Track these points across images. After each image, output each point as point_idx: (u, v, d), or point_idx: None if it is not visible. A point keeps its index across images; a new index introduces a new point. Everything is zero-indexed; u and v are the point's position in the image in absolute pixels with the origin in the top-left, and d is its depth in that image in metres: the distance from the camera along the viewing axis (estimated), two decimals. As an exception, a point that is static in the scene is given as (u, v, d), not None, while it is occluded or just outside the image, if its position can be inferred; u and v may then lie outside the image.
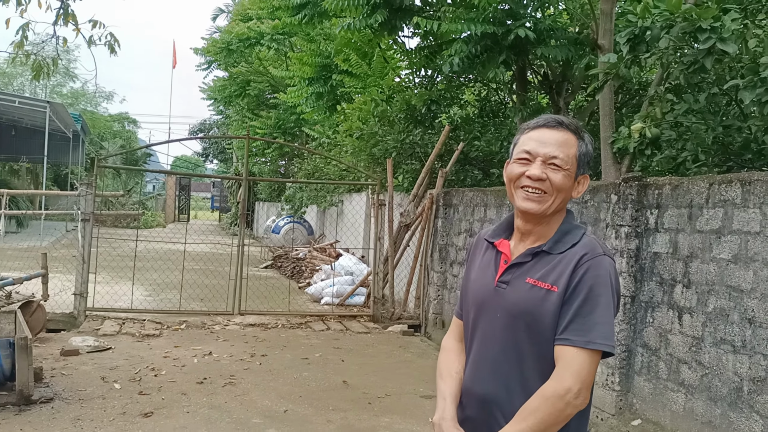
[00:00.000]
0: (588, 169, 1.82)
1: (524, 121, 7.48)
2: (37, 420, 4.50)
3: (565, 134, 1.76)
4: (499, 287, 1.76)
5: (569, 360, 1.63)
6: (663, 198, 4.96)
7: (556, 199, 1.73)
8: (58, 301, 8.26)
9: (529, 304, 1.70)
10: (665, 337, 4.81)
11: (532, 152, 1.74)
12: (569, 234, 1.75)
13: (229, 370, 6.09)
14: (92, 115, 36.47)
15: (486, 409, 1.74)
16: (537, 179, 1.71)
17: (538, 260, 1.73)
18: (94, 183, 8.27)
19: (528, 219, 1.76)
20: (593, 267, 1.67)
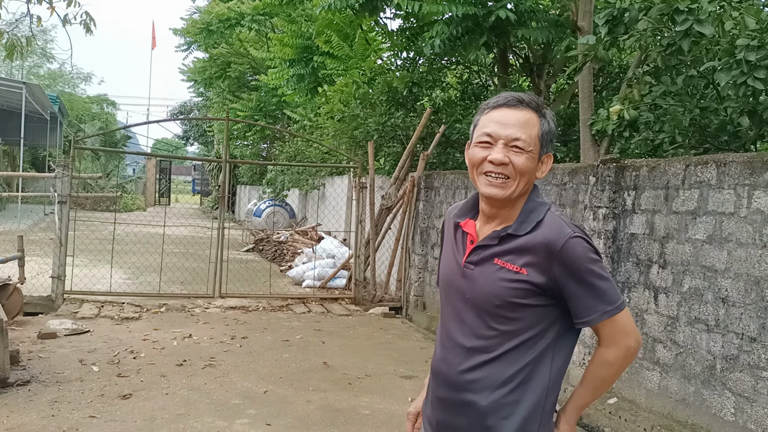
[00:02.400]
0: (552, 147, 1.79)
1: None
2: (14, 402, 4.46)
3: (527, 113, 1.70)
4: (466, 268, 1.75)
5: (610, 329, 1.69)
6: (640, 179, 5.00)
7: (520, 183, 1.70)
8: (35, 284, 8.17)
9: (498, 285, 1.69)
10: (641, 317, 4.88)
11: (493, 135, 1.69)
12: (534, 212, 1.72)
13: (209, 352, 6.08)
14: (70, 97, 35.89)
15: (456, 388, 1.74)
16: (500, 164, 1.67)
17: (505, 242, 1.71)
18: (70, 165, 8.16)
19: (493, 204, 1.74)
20: (571, 254, 1.65)
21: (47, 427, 4.07)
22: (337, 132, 10.60)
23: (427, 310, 8.62)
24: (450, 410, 1.76)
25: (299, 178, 15.16)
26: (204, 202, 36.54)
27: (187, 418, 4.40)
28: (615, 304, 1.68)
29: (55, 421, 4.17)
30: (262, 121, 19.16)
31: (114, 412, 4.41)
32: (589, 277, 1.66)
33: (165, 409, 4.53)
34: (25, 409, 4.34)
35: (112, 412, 4.42)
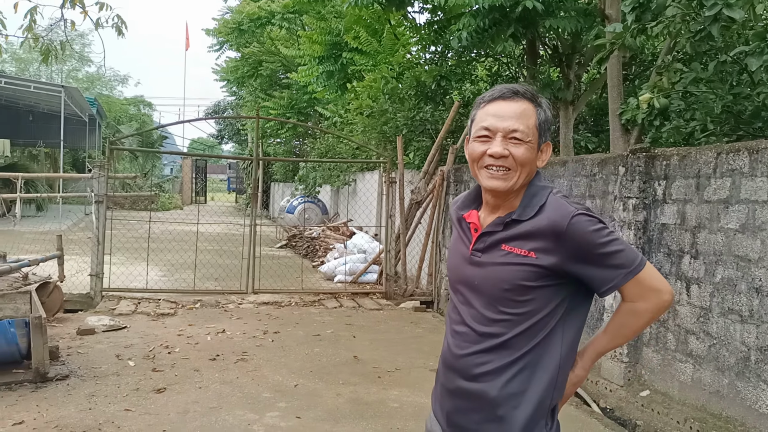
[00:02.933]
0: (549, 135, 1.79)
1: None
2: (53, 396, 4.61)
3: (523, 104, 1.71)
4: (474, 256, 1.76)
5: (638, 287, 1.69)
6: (671, 169, 4.91)
7: (522, 174, 1.71)
8: (75, 282, 8.41)
9: (506, 270, 1.69)
10: (673, 308, 4.79)
11: (491, 128, 1.70)
12: (536, 197, 1.73)
13: (242, 346, 6.18)
14: (108, 99, 36.69)
15: (466, 377, 1.75)
16: (500, 157, 1.69)
17: (510, 228, 1.72)
18: (106, 165, 8.35)
19: (496, 195, 1.75)
20: (578, 231, 1.65)
21: (84, 419, 4.20)
22: (366, 127, 10.63)
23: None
24: (461, 400, 1.76)
25: (330, 174, 15.25)
26: (239, 200, 37.00)
27: (219, 411, 4.48)
28: (635, 263, 1.68)
29: (92, 414, 4.29)
30: (294, 119, 19.30)
31: (148, 406, 4.52)
32: (601, 248, 1.66)
33: (198, 403, 4.62)
34: (63, 403, 4.48)
35: (147, 405, 4.53)
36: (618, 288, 1.70)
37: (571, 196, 6.16)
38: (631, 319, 1.75)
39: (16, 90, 19.70)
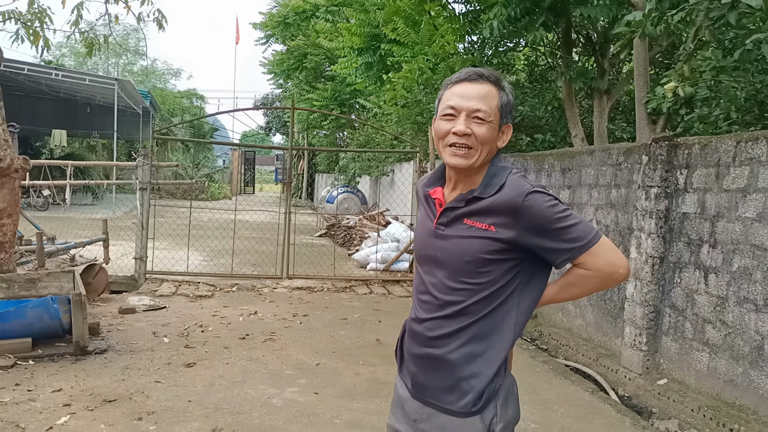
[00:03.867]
0: (511, 118, 1.89)
1: (568, 84, 7.34)
2: (90, 368, 4.93)
3: (486, 86, 1.81)
4: (438, 229, 1.88)
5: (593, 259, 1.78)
6: (692, 158, 4.90)
7: (482, 152, 1.81)
8: (121, 265, 8.84)
9: (468, 243, 1.81)
10: (692, 297, 4.80)
11: (456, 107, 1.81)
12: (497, 176, 1.84)
13: (271, 327, 6.42)
14: (162, 92, 37.79)
15: (428, 344, 1.88)
16: (463, 134, 1.79)
17: (471, 204, 1.83)
18: (150, 154, 8.73)
19: (458, 172, 1.86)
20: (533, 206, 1.76)
21: (117, 389, 4.49)
22: (401, 118, 10.74)
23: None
24: (424, 365, 1.89)
25: (369, 164, 15.43)
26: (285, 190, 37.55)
27: (242, 385, 4.72)
28: (589, 236, 1.76)
29: (125, 385, 4.59)
30: (336, 111, 19.55)
31: (177, 379, 4.79)
32: (556, 223, 1.75)
33: (224, 377, 4.87)
34: (99, 374, 4.80)
35: (176, 378, 4.81)
36: (573, 260, 1.80)
37: (596, 186, 6.18)
38: (581, 283, 1.84)
39: (73, 83, 20.55)
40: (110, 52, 35.38)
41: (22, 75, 18.91)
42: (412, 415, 1.92)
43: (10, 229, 5.50)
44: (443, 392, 1.86)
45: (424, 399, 1.89)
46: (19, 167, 5.45)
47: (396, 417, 2.02)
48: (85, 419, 3.94)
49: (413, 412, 1.92)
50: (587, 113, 9.68)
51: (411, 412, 1.93)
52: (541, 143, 9.21)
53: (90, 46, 6.61)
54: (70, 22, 6.71)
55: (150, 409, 4.15)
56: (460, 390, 1.83)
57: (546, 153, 7.50)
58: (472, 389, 1.82)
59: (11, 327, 5.05)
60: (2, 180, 5.36)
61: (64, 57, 38.10)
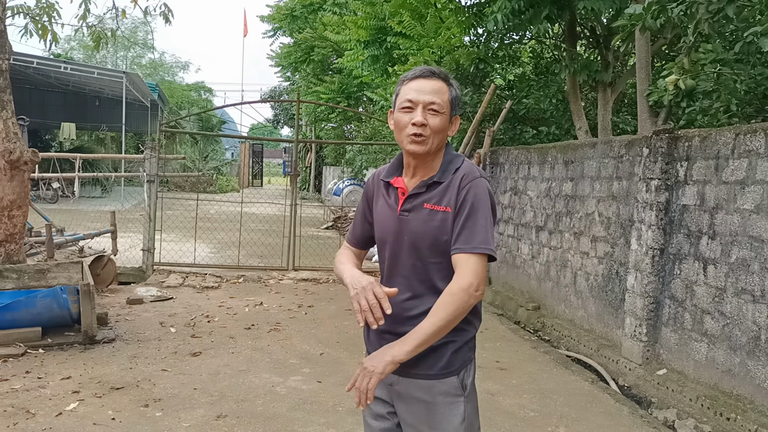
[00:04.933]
0: (459, 110, 2.10)
1: (573, 77, 7.37)
2: (99, 356, 5.04)
3: (438, 83, 2.02)
4: (402, 216, 2.04)
5: (464, 263, 1.92)
6: (692, 150, 4.93)
7: (436, 140, 2.00)
8: (129, 256, 8.96)
9: (429, 225, 1.99)
10: (691, 288, 4.84)
11: (414, 100, 2.00)
12: (452, 162, 2.05)
13: (276, 318, 6.52)
14: (170, 85, 37.92)
15: (398, 320, 1.98)
16: (421, 124, 1.97)
17: (432, 189, 2.02)
18: (158, 147, 8.82)
19: (416, 157, 2.04)
20: (473, 187, 1.96)
21: (124, 377, 4.60)
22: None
23: (492, 285, 8.74)
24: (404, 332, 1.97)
25: (376, 157, 15.48)
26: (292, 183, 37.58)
27: (247, 373, 4.81)
28: (479, 245, 1.91)
29: (132, 373, 4.69)
30: (344, 103, 19.58)
31: (184, 367, 4.89)
32: (472, 212, 1.94)
33: (229, 366, 4.97)
34: (107, 362, 4.90)
35: (182, 366, 4.91)
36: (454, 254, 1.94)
37: (598, 178, 6.22)
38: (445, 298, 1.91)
39: (81, 76, 20.67)
40: (118, 46, 35.56)
41: (32, 68, 19.04)
42: (387, 379, 2.00)
43: (20, 220, 5.61)
44: (422, 364, 1.99)
45: (402, 371, 1.96)
46: (28, 160, 5.55)
47: None
48: (94, 406, 4.04)
49: (388, 377, 2.00)
50: (592, 106, 9.69)
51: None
52: (546, 136, 9.24)
53: (97, 39, 6.70)
54: (78, 16, 6.80)
55: (156, 397, 4.25)
56: (437, 355, 1.99)
57: (549, 145, 7.54)
58: (447, 352, 1.99)
59: (21, 316, 5.16)
60: (12, 172, 5.46)
61: (73, 50, 38.29)
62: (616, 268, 5.91)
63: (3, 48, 5.35)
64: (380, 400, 2.10)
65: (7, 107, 5.39)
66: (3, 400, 4.05)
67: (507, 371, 5.21)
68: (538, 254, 7.58)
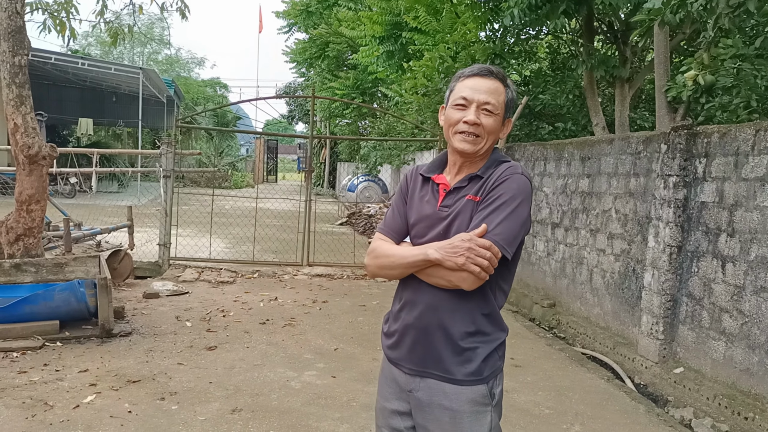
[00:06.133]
0: (512, 113, 2.03)
1: (590, 72, 7.31)
2: (116, 349, 5.08)
3: (495, 82, 1.95)
4: (441, 210, 1.97)
5: None
6: (711, 146, 4.87)
7: (488, 141, 1.94)
8: (145, 251, 9.02)
9: (466, 217, 1.91)
10: (709, 286, 4.79)
11: (468, 99, 1.94)
12: (497, 160, 1.98)
13: (291, 313, 6.54)
14: (186, 81, 38.15)
15: (432, 313, 1.93)
16: (473, 123, 1.92)
17: (473, 183, 1.96)
18: (174, 142, 8.87)
19: (464, 156, 1.98)
20: (508, 180, 1.88)
21: (141, 370, 4.63)
22: (422, 107, 10.76)
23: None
24: (429, 338, 1.93)
25: (390, 153, 15.47)
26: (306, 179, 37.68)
27: (262, 368, 4.83)
28: (502, 240, 1.82)
29: (148, 366, 4.72)
30: (358, 99, 19.58)
31: (199, 361, 4.92)
32: (500, 204, 1.84)
33: (244, 360, 4.99)
34: (124, 356, 4.94)
35: (198, 360, 4.94)
36: None
37: (615, 175, 6.16)
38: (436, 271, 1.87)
39: (98, 72, 20.84)
40: (135, 42, 35.80)
41: (50, 64, 19.23)
42: (407, 385, 1.97)
43: (38, 215, 5.66)
44: (448, 363, 1.91)
45: (425, 371, 1.93)
46: (46, 155, 5.60)
47: (385, 396, 2.06)
48: (110, 398, 4.08)
49: (407, 383, 1.97)
50: (609, 102, 9.61)
51: (404, 383, 1.98)
52: (562, 132, 9.18)
53: (115, 35, 6.75)
54: (96, 12, 6.85)
55: (172, 390, 4.28)
56: (463, 359, 1.91)
57: (566, 142, 7.48)
58: (476, 359, 1.91)
59: (40, 309, 5.21)
60: (31, 167, 5.51)
61: (90, 46, 38.61)
62: (633, 266, 5.87)
63: (22, 44, 5.40)
64: (398, 413, 2.02)
65: (25, 103, 5.44)
66: (22, 392, 4.09)
67: (522, 368, 5.19)
68: (553, 251, 7.53)
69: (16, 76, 5.38)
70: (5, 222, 5.64)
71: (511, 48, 9.92)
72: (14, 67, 5.37)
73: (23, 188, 5.55)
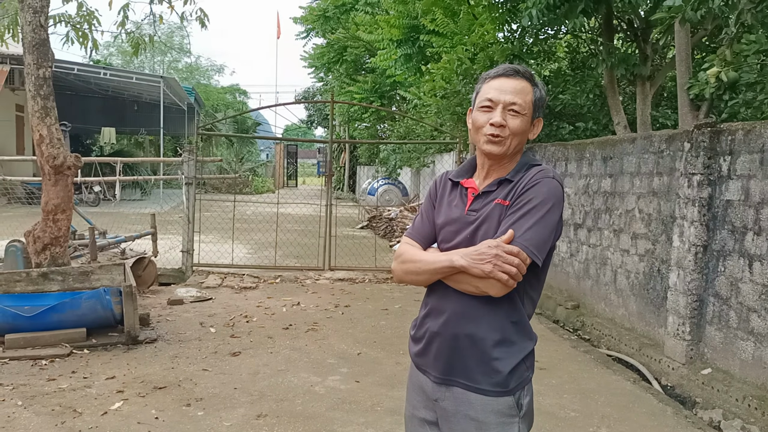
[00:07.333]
0: (542, 112, 1.98)
1: (610, 71, 7.24)
2: (141, 356, 5.14)
3: (522, 82, 1.91)
4: (469, 215, 1.94)
5: None
6: (736, 144, 4.80)
7: (514, 142, 1.90)
8: (169, 258, 9.11)
9: (495, 221, 1.87)
10: (736, 285, 4.72)
11: (494, 100, 1.90)
12: (527, 164, 1.94)
13: (314, 318, 6.56)
14: (206, 88, 38.50)
15: (458, 321, 1.90)
16: (499, 125, 1.88)
17: (502, 187, 1.92)
18: (195, 149, 8.96)
19: (491, 158, 1.95)
20: (539, 184, 1.84)
21: (167, 377, 4.68)
22: (441, 109, 10.75)
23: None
24: (457, 346, 1.90)
25: (410, 156, 15.47)
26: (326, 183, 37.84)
27: (286, 373, 4.86)
28: (529, 246, 1.77)
29: (174, 373, 4.77)
30: (377, 103, 19.61)
31: (224, 367, 4.96)
32: (530, 209, 1.80)
33: (268, 366, 5.02)
34: (150, 362, 5.00)
35: (222, 366, 4.97)
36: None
37: (638, 174, 6.10)
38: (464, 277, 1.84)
39: (120, 81, 21.12)
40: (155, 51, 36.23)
41: (72, 75, 19.53)
42: (433, 394, 1.95)
43: (64, 224, 5.75)
44: (474, 372, 1.88)
45: (451, 380, 1.91)
46: (71, 165, 5.69)
47: (413, 405, 2.05)
48: (138, 405, 4.12)
49: (433, 392, 1.96)
50: (630, 100, 9.52)
51: (431, 392, 1.97)
52: (583, 131, 9.11)
53: (136, 45, 6.84)
54: (117, 23, 6.94)
55: (198, 396, 4.32)
56: (489, 369, 1.87)
57: (587, 141, 7.42)
58: (503, 370, 1.87)
59: (67, 317, 5.29)
60: (56, 177, 5.60)
61: (112, 56, 39.16)
62: (658, 266, 5.80)
63: (46, 56, 5.50)
64: (426, 422, 2.01)
65: (50, 114, 5.54)
66: (51, 399, 4.16)
67: (547, 371, 5.15)
68: (576, 252, 7.47)
69: (41, 88, 5.47)
70: (32, 231, 5.74)
71: (529, 48, 9.87)
72: (39, 79, 5.46)
73: (49, 198, 5.64)
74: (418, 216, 2.13)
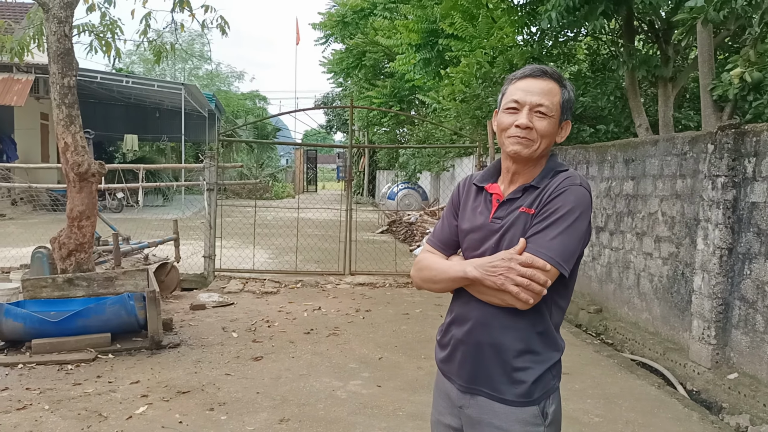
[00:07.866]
0: (570, 115, 1.92)
1: (631, 72, 7.18)
2: (165, 361, 5.19)
3: (549, 83, 1.85)
4: (494, 222, 1.89)
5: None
6: (761, 145, 4.73)
7: (542, 144, 1.85)
8: (191, 263, 9.20)
9: (520, 229, 1.83)
10: (762, 288, 4.64)
11: (520, 101, 1.85)
12: (554, 169, 1.88)
13: (335, 322, 6.58)
14: (226, 95, 38.86)
15: (481, 330, 1.88)
16: (525, 127, 1.83)
17: (527, 194, 1.87)
18: (216, 156, 9.04)
19: (517, 161, 1.89)
20: (566, 192, 1.79)
21: (190, 381, 4.72)
22: (460, 113, 10.74)
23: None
24: (480, 354, 1.88)
25: (429, 160, 15.46)
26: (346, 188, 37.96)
27: (307, 378, 4.87)
28: (558, 256, 1.73)
29: (197, 377, 4.81)
30: (396, 107, 19.64)
31: (246, 371, 4.99)
32: (556, 216, 1.76)
33: (290, 370, 5.04)
34: (173, 367, 5.05)
35: (245, 371, 5.00)
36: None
37: (661, 176, 6.04)
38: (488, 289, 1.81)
39: (142, 89, 21.39)
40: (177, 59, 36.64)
41: (96, 83, 19.82)
42: (458, 401, 1.93)
43: (88, 230, 5.83)
44: (498, 382, 1.85)
45: (476, 389, 1.89)
46: (95, 172, 5.77)
47: (439, 410, 2.04)
48: (162, 409, 4.16)
49: (458, 399, 1.94)
50: (652, 102, 9.42)
51: (456, 399, 1.95)
52: (604, 134, 9.03)
53: (158, 53, 6.93)
54: (139, 32, 7.04)
55: (221, 400, 4.35)
56: (512, 379, 1.84)
57: (608, 144, 7.36)
58: (527, 380, 1.83)
59: (91, 323, 5.36)
60: (81, 184, 5.69)
61: (134, 64, 39.69)
62: (682, 269, 5.73)
63: (70, 65, 5.59)
64: (451, 428, 1.98)
65: (75, 122, 5.63)
66: (77, 404, 4.21)
67: (570, 375, 5.11)
68: (598, 256, 7.41)
69: (66, 96, 5.57)
70: (58, 238, 5.83)
71: (549, 51, 9.82)
72: (63, 88, 5.56)
73: (74, 205, 5.72)
74: (439, 222, 2.10)
